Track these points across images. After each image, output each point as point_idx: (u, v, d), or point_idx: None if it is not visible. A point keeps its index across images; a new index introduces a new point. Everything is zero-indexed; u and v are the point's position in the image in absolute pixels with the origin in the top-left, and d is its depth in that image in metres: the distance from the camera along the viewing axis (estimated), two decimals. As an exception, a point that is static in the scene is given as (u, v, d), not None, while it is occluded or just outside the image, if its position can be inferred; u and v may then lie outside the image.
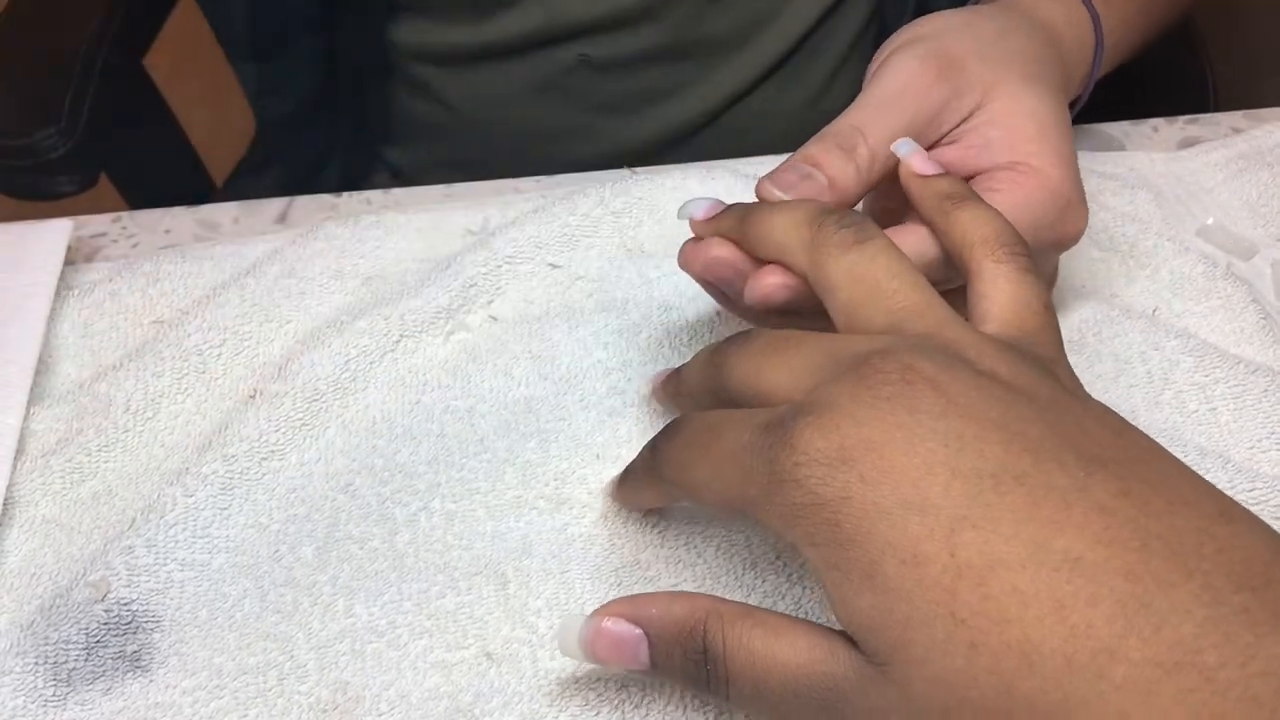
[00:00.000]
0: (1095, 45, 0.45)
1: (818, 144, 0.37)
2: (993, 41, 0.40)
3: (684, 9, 0.61)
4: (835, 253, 0.32)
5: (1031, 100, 0.39)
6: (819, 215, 0.34)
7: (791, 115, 0.67)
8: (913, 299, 0.31)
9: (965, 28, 0.41)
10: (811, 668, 0.28)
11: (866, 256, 0.32)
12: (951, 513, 0.25)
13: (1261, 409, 0.40)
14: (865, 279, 0.32)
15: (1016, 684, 0.24)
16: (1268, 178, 0.50)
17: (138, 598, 0.37)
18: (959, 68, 0.39)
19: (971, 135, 0.39)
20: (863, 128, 0.37)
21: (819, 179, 0.36)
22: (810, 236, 0.33)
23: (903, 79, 0.38)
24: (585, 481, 0.40)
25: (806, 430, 0.27)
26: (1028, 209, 0.37)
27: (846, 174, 0.37)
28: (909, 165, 0.37)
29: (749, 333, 0.33)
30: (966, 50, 0.39)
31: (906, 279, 0.32)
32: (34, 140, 0.65)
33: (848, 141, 0.37)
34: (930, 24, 0.41)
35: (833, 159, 0.37)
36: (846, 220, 0.33)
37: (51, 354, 0.44)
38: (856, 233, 0.33)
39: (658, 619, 0.30)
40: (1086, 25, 0.45)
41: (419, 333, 0.43)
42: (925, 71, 0.38)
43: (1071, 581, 0.24)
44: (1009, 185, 0.37)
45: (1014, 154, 0.38)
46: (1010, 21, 0.42)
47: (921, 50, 0.39)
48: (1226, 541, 0.25)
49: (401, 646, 0.35)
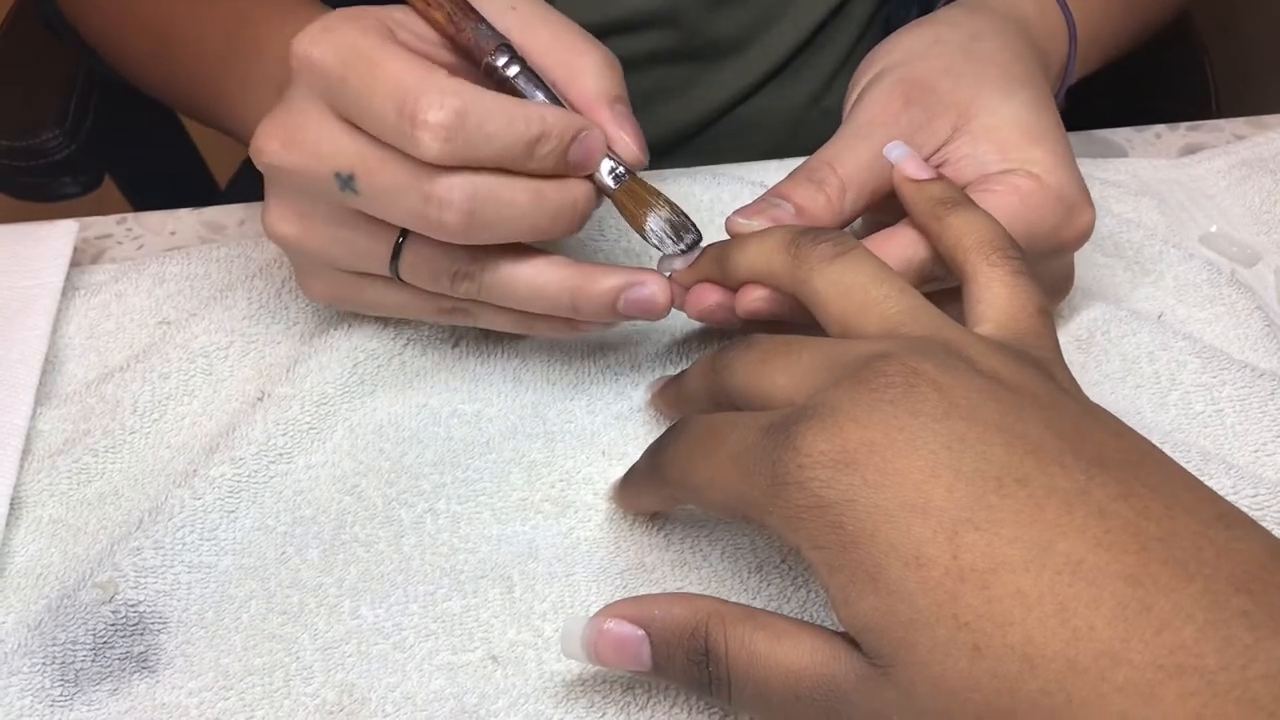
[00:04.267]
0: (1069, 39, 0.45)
1: (787, 180, 0.38)
2: (963, 53, 0.40)
3: (693, 12, 0.61)
4: (817, 268, 0.33)
5: (1013, 109, 0.39)
6: (793, 236, 0.34)
7: (796, 113, 0.68)
8: (904, 304, 0.32)
9: (931, 46, 0.41)
10: (814, 670, 0.28)
11: (850, 268, 0.32)
12: (954, 515, 0.26)
13: (1267, 413, 0.41)
14: (853, 290, 0.32)
15: (1019, 686, 0.24)
16: (1270, 184, 0.50)
17: (145, 599, 0.37)
18: (928, 90, 0.39)
19: (959, 154, 0.39)
20: (832, 161, 0.38)
21: (785, 208, 0.37)
22: (789, 258, 0.34)
23: (872, 110, 0.39)
24: (591, 483, 0.40)
25: (809, 433, 0.27)
26: (1024, 213, 0.37)
27: (816, 202, 0.37)
28: (902, 170, 0.37)
29: (751, 337, 0.33)
30: (934, 71, 0.40)
31: (893, 285, 0.32)
32: (39, 142, 0.65)
33: (816, 175, 0.38)
34: (898, 49, 0.42)
35: (800, 190, 0.37)
36: (822, 235, 0.33)
37: (58, 355, 0.44)
38: (834, 245, 0.33)
39: (660, 620, 0.30)
40: (1058, 17, 0.45)
41: (427, 337, 0.44)
42: (892, 100, 0.39)
43: (1073, 584, 0.24)
44: (1005, 189, 0.37)
45: (1007, 162, 0.38)
46: (980, 24, 0.42)
47: (888, 80, 0.40)
48: (1226, 545, 0.25)
49: (407, 649, 0.35)
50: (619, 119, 0.36)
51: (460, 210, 0.33)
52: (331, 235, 0.37)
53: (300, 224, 0.37)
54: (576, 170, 0.35)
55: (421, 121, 0.32)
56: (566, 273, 0.37)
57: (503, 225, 0.34)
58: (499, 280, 0.36)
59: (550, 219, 0.35)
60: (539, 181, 0.34)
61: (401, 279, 0.37)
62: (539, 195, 0.34)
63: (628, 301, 0.37)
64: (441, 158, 0.32)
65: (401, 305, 0.39)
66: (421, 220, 0.34)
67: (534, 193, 0.34)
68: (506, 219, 0.34)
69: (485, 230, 0.34)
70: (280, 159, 0.35)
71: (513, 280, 0.36)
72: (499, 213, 0.34)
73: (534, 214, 0.34)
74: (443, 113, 0.32)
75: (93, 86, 0.69)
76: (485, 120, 0.32)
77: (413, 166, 0.33)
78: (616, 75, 0.37)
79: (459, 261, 0.36)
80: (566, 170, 0.35)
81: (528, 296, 0.37)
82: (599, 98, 0.36)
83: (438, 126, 0.32)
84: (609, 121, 0.36)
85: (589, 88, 0.36)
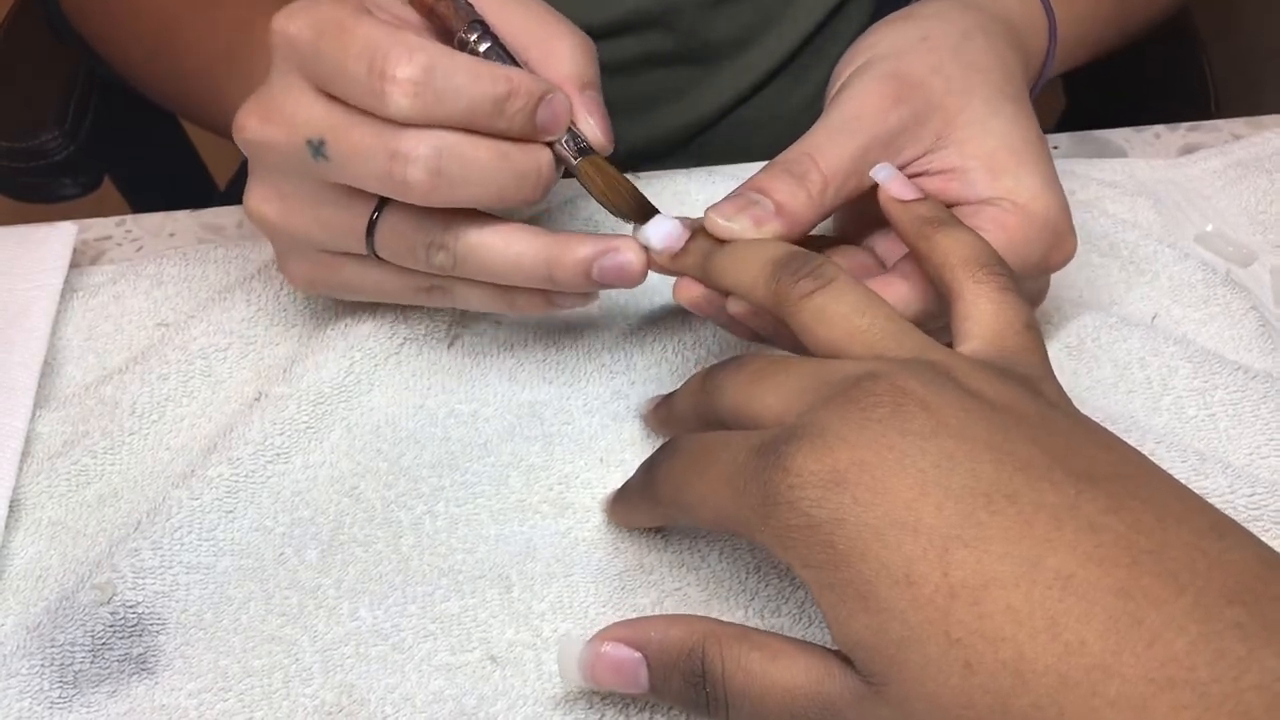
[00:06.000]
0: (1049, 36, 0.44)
1: (766, 173, 0.37)
2: (951, 53, 0.39)
3: (691, 13, 0.61)
4: (799, 304, 0.33)
5: (1001, 123, 0.38)
6: (773, 270, 0.33)
7: (794, 115, 0.68)
8: (888, 329, 0.32)
9: (922, 42, 0.40)
10: (809, 688, 0.28)
11: (831, 299, 0.32)
12: (944, 532, 0.26)
13: (1260, 415, 0.41)
14: (836, 321, 0.32)
15: (1011, 702, 0.24)
16: (1266, 184, 0.50)
17: (143, 600, 0.37)
18: (918, 89, 0.38)
19: (946, 168, 0.38)
20: (815, 154, 0.37)
21: (765, 205, 0.36)
22: (770, 292, 0.33)
23: (859, 103, 0.38)
24: (589, 485, 0.40)
25: (799, 453, 0.27)
26: (1014, 246, 0.37)
27: (797, 199, 0.36)
28: (888, 190, 0.36)
29: (741, 357, 0.33)
30: (925, 68, 0.39)
31: (877, 313, 0.32)
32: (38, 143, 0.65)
33: (798, 168, 0.37)
34: (887, 39, 0.41)
35: (780, 185, 0.36)
36: (803, 268, 0.33)
37: (56, 357, 0.44)
38: (814, 279, 0.33)
39: (656, 642, 0.30)
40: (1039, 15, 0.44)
41: (423, 336, 0.44)
42: (883, 94, 0.38)
43: (1064, 599, 0.24)
44: (995, 225, 0.37)
45: (994, 188, 0.38)
46: (966, 21, 0.41)
47: (878, 71, 0.39)
48: (1218, 556, 0.25)
49: (406, 650, 0.36)
50: (588, 104, 0.36)
51: (426, 167, 0.33)
52: (310, 214, 0.37)
53: (280, 204, 0.37)
54: (543, 133, 0.35)
55: (390, 76, 0.32)
56: (541, 242, 0.36)
57: (468, 186, 0.34)
58: (473, 250, 0.36)
59: (515, 181, 0.35)
60: (504, 143, 0.34)
61: (379, 256, 0.38)
62: (504, 156, 0.34)
63: (602, 269, 0.36)
64: (410, 113, 0.32)
65: (380, 284, 0.39)
66: (388, 180, 0.34)
67: (499, 153, 0.34)
68: (472, 178, 0.34)
69: (450, 189, 0.34)
70: (256, 133, 0.35)
71: (487, 250, 0.36)
72: (465, 172, 0.34)
73: (499, 175, 0.34)
74: (411, 68, 0.32)
75: (92, 88, 0.69)
76: (453, 74, 0.33)
77: (380, 126, 0.33)
78: (590, 60, 0.37)
79: (433, 232, 0.36)
80: (533, 133, 0.35)
81: (503, 267, 0.37)
82: (570, 82, 0.36)
83: (406, 81, 0.32)
84: (578, 105, 0.36)
85: (562, 71, 0.36)
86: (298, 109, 0.34)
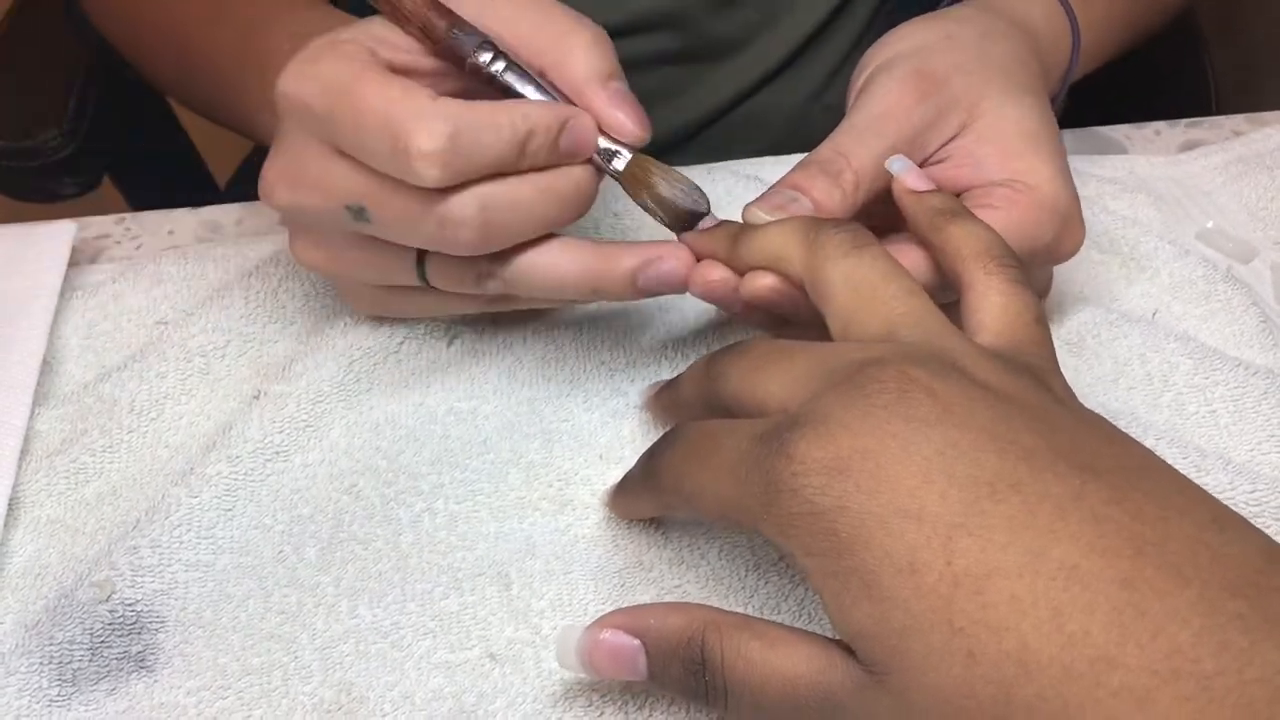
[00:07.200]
0: (1072, 44, 0.45)
1: (802, 171, 0.38)
2: (973, 51, 0.40)
3: (697, 13, 0.61)
4: (833, 256, 0.33)
5: (1017, 112, 0.39)
6: (814, 224, 0.34)
7: (797, 110, 0.68)
8: (910, 305, 0.32)
9: (945, 40, 0.41)
10: (810, 678, 0.28)
11: (865, 262, 0.32)
12: (948, 521, 0.26)
13: (1261, 411, 0.41)
14: (863, 284, 0.32)
15: (1014, 692, 0.24)
16: (1267, 180, 0.50)
17: (142, 598, 0.37)
18: (941, 85, 0.39)
19: (961, 153, 0.39)
20: (846, 153, 0.38)
21: (804, 203, 0.37)
22: (806, 244, 0.34)
23: (886, 102, 0.39)
24: (589, 482, 0.40)
25: (803, 440, 0.27)
26: (1023, 226, 0.37)
27: (832, 199, 0.37)
28: (902, 182, 0.37)
29: (745, 342, 0.33)
30: (948, 66, 0.40)
31: (903, 285, 0.32)
32: (38, 142, 0.65)
33: (832, 167, 0.38)
34: (910, 38, 0.41)
35: (817, 184, 0.37)
36: (843, 227, 0.34)
37: (56, 355, 0.44)
38: (853, 238, 0.33)
39: (655, 630, 0.30)
40: (1063, 23, 0.45)
41: (422, 334, 0.44)
42: (907, 93, 0.39)
43: (1068, 589, 0.24)
44: (1005, 203, 0.37)
45: (1007, 170, 0.38)
46: (988, 23, 0.42)
47: (902, 70, 0.40)
48: (1221, 549, 0.25)
49: (405, 647, 0.36)
50: (614, 98, 0.36)
51: (475, 226, 0.34)
52: (356, 258, 0.38)
53: (325, 251, 0.38)
54: (570, 158, 0.35)
55: (416, 152, 0.32)
56: (585, 257, 0.36)
57: (517, 227, 0.35)
58: (521, 274, 0.37)
59: (559, 209, 0.35)
60: (541, 175, 0.34)
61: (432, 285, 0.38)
62: (545, 189, 0.35)
63: (647, 279, 0.37)
64: (443, 181, 0.32)
65: (443, 305, 0.40)
66: (439, 242, 0.34)
67: (540, 188, 0.34)
68: (519, 220, 0.35)
69: (502, 236, 0.35)
70: (290, 200, 0.35)
71: (535, 272, 0.37)
72: (512, 217, 0.34)
73: (544, 209, 0.35)
74: (434, 140, 0.32)
75: (92, 87, 0.69)
76: (475, 134, 0.32)
77: (420, 193, 0.33)
78: (608, 53, 0.36)
79: (479, 264, 0.37)
80: (560, 161, 0.35)
81: (551, 286, 0.37)
82: (590, 79, 0.36)
83: (433, 154, 0.32)
84: (604, 103, 0.36)
85: (579, 71, 0.36)
86: (326, 175, 0.34)
